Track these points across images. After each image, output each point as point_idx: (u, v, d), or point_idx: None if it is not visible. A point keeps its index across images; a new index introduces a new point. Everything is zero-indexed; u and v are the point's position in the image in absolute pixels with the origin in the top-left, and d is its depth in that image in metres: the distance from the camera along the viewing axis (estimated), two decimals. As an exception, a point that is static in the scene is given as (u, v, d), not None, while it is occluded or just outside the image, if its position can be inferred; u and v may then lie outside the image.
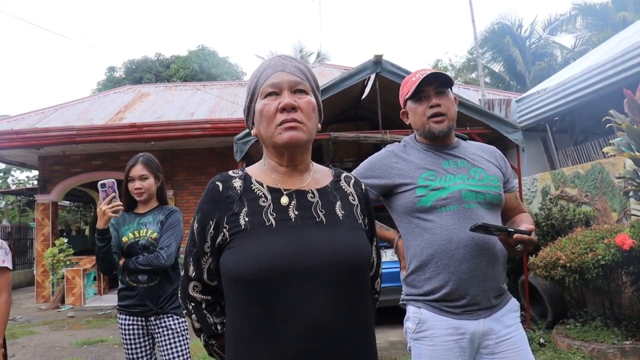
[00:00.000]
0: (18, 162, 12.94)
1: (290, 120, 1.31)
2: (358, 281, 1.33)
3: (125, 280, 3.11)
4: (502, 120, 6.77)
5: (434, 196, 1.97)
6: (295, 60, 1.42)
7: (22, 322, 9.17)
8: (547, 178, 7.60)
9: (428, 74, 2.04)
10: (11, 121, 11.68)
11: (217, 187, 1.39)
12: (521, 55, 20.89)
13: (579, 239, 5.07)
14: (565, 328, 5.65)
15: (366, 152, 10.13)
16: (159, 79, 23.73)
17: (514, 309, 2.03)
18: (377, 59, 6.56)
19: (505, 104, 9.86)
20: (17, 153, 11.44)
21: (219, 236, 1.33)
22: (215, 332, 1.44)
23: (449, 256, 1.92)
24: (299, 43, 30.47)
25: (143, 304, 3.07)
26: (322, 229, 1.32)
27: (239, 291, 1.29)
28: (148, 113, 11.74)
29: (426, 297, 1.98)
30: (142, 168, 3.22)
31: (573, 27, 21.15)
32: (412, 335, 2.00)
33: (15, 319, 9.52)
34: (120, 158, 11.50)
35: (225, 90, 14.19)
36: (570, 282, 4.93)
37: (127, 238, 3.11)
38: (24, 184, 27.14)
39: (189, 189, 11.70)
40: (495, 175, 2.08)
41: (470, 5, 11.93)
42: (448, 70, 28.48)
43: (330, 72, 14.55)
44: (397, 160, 2.11)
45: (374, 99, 7.04)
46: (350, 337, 1.27)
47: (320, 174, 1.47)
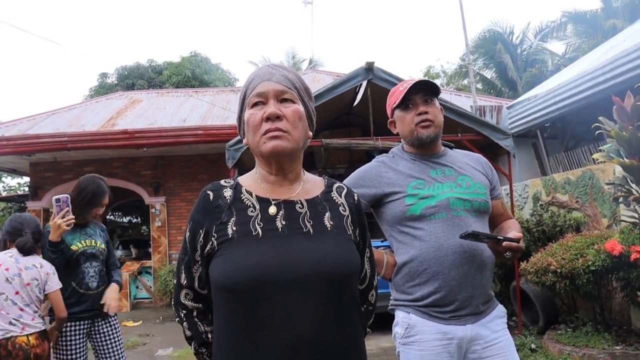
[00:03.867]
0: (9, 169, 12.87)
1: (274, 130, 1.32)
2: (344, 293, 1.32)
3: (74, 288, 3.27)
4: (493, 127, 6.81)
5: (423, 204, 1.98)
6: (284, 69, 1.42)
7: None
8: (538, 184, 7.64)
9: (415, 82, 2.07)
10: (2, 127, 11.62)
11: (208, 196, 1.40)
12: (512, 61, 21.01)
13: (570, 245, 5.11)
14: (557, 334, 5.66)
15: (359, 159, 10.15)
16: (151, 85, 23.65)
17: (500, 315, 2.05)
18: (369, 66, 6.60)
19: (497, 111, 9.92)
20: (8, 159, 11.38)
21: (208, 245, 1.34)
22: (206, 340, 1.44)
23: (439, 263, 1.93)
24: (291, 49, 30.46)
25: (93, 308, 3.32)
26: (309, 239, 1.32)
27: (225, 300, 1.29)
28: (140, 119, 11.72)
29: (416, 302, 1.99)
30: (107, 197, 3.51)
31: (563, 34, 21.33)
32: (400, 340, 2.02)
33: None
34: (112, 164, 11.48)
35: (218, 96, 14.19)
36: (561, 287, 4.96)
37: (76, 247, 3.31)
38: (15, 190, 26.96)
39: (181, 195, 11.68)
40: (482, 182, 2.10)
41: (462, 12, 12.00)
42: (440, 76, 28.60)
43: (322, 78, 14.58)
44: (387, 170, 2.13)
45: (366, 106, 7.06)
46: (334, 350, 1.26)
47: (311, 184, 1.47)
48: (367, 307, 1.58)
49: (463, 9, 11.96)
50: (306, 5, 16.73)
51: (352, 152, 10.09)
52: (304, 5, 21.08)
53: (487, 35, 22.55)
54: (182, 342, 7.24)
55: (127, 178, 11.67)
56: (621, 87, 6.30)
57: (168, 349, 6.98)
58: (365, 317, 1.56)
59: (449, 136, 6.39)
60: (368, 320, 1.60)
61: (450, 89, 21.92)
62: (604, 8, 19.32)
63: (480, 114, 9.29)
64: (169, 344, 7.28)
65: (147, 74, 24.83)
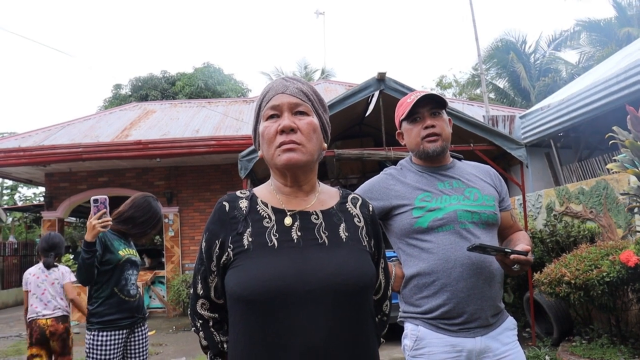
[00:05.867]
0: (25, 179, 13.02)
1: (288, 142, 1.33)
2: (359, 304, 1.32)
3: (116, 293, 3.32)
4: (506, 136, 6.78)
5: (430, 217, 1.98)
6: (298, 82, 1.43)
7: (27, 339, 9.18)
8: (551, 194, 7.60)
9: (422, 95, 2.08)
10: (18, 139, 11.77)
11: (223, 207, 1.41)
12: (525, 71, 20.93)
13: (584, 256, 5.06)
14: (571, 345, 5.60)
15: (371, 169, 10.16)
16: (164, 96, 23.84)
17: (511, 327, 2.04)
18: (381, 77, 6.62)
19: (509, 120, 9.89)
20: (24, 170, 11.52)
21: (224, 255, 1.35)
22: (222, 350, 1.44)
23: (447, 275, 1.93)
24: (303, 60, 30.69)
25: (132, 315, 3.38)
26: (324, 250, 1.32)
27: (240, 310, 1.30)
28: (153, 130, 11.82)
29: (424, 315, 1.98)
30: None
31: (577, 42, 21.21)
32: (409, 353, 2.01)
33: (21, 335, 9.55)
34: (126, 175, 11.57)
35: (230, 107, 14.27)
36: (576, 299, 4.91)
37: (123, 252, 3.38)
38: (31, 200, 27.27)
39: (194, 205, 11.74)
40: (491, 194, 2.10)
41: (474, 22, 12.01)
42: (452, 86, 28.58)
43: (334, 88, 14.63)
44: (395, 183, 2.13)
45: (378, 116, 7.08)
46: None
47: (326, 195, 1.48)
48: (381, 317, 1.58)
49: (475, 19, 11.97)
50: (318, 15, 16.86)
51: (365, 163, 10.11)
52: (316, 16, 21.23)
53: (499, 45, 22.50)
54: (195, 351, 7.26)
55: (140, 188, 11.73)
56: (636, 96, 6.27)
57: (181, 359, 6.99)
58: (379, 327, 1.56)
59: (461, 146, 6.38)
60: (382, 331, 1.60)
61: (463, 99, 21.89)
62: (618, 16, 19.20)
63: (492, 124, 9.27)
64: (181, 354, 7.29)
65: (161, 85, 25.04)
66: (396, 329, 1.92)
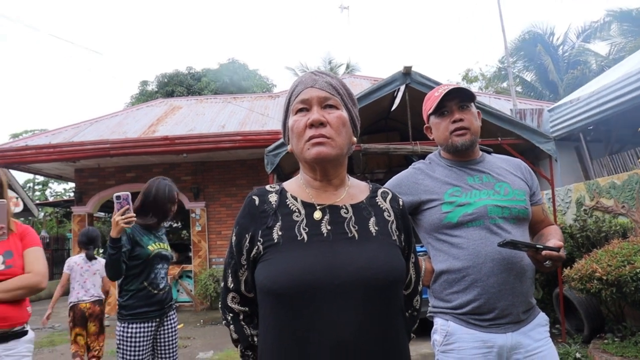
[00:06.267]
0: (55, 175, 13.25)
1: (317, 136, 1.33)
2: (389, 298, 1.31)
3: (146, 287, 3.38)
4: (534, 130, 6.68)
5: (460, 212, 1.97)
6: (327, 76, 1.42)
7: (61, 331, 9.39)
8: (581, 189, 7.46)
9: (450, 89, 2.06)
10: (49, 135, 11.98)
11: (253, 201, 1.42)
12: (553, 63, 20.59)
13: (616, 251, 4.95)
14: (603, 343, 5.50)
15: (397, 164, 10.10)
16: (190, 92, 24.05)
17: (542, 323, 2.01)
18: (407, 71, 6.57)
19: (538, 114, 9.72)
20: (55, 166, 11.73)
21: (254, 249, 1.36)
22: (252, 344, 1.45)
23: (477, 270, 1.91)
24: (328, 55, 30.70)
25: (161, 307, 3.44)
26: (353, 244, 1.31)
27: (270, 304, 1.30)
28: (180, 126, 11.93)
29: (454, 310, 1.97)
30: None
31: (607, 33, 20.72)
32: (439, 348, 2.00)
33: (54, 327, 9.75)
34: (153, 170, 11.69)
35: (256, 102, 14.32)
36: (607, 295, 4.81)
37: (152, 247, 3.42)
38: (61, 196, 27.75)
39: (220, 200, 11.82)
40: (521, 189, 2.07)
41: (500, 15, 11.84)
42: (478, 79, 28.24)
43: (359, 83, 14.58)
44: (424, 177, 2.12)
45: (404, 110, 7.02)
46: (378, 355, 1.25)
47: (356, 189, 1.47)
48: (411, 313, 1.57)
49: (502, 11, 11.79)
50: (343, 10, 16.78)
51: (391, 157, 10.06)
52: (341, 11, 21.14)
53: (526, 37, 22.17)
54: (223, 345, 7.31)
55: (167, 183, 11.85)
56: (669, 88, 6.11)
57: (209, 352, 7.06)
58: (409, 323, 1.55)
59: (488, 140, 6.30)
60: (412, 326, 1.59)
61: (489, 92, 21.62)
62: (651, 6, 18.75)
63: (520, 118, 9.12)
64: (209, 347, 7.36)
65: (186, 81, 25.26)
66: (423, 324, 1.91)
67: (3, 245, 2.55)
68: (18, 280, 2.54)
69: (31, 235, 2.74)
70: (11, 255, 2.57)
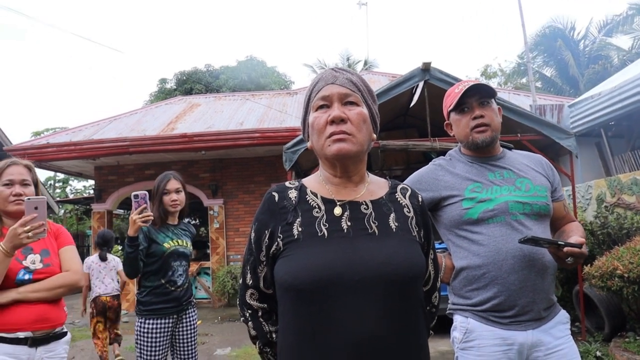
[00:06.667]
0: (75, 172, 13.41)
1: (338, 132, 1.33)
2: (409, 294, 1.31)
3: (164, 285, 3.40)
4: (554, 126, 6.61)
5: (481, 208, 1.96)
6: (348, 72, 1.42)
7: (81, 326, 9.52)
8: (602, 185, 7.36)
9: (470, 85, 2.05)
10: (69, 133, 12.13)
11: (273, 197, 1.42)
12: (574, 58, 20.29)
13: (638, 249, 4.89)
14: (624, 341, 5.43)
15: (415, 160, 10.06)
16: (208, 89, 24.13)
17: (563, 320, 2.00)
18: (426, 67, 6.53)
19: (558, 109, 9.61)
20: (75, 164, 11.86)
21: (274, 245, 1.36)
22: (271, 340, 1.46)
23: (497, 267, 1.90)
24: (346, 51, 30.51)
25: (179, 304, 3.44)
26: (374, 240, 1.32)
27: (290, 300, 1.30)
28: (198, 123, 11.99)
29: (474, 307, 1.96)
30: (177, 182, 3.57)
31: (630, 27, 20.32)
32: (459, 345, 1.99)
33: (74, 322, 9.88)
34: (172, 167, 11.75)
35: (274, 99, 14.34)
36: (629, 293, 4.75)
37: (168, 244, 3.43)
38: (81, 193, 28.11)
39: (239, 197, 11.87)
40: (542, 185, 2.05)
41: (520, 9, 11.72)
42: (497, 75, 27.99)
43: (377, 79, 14.53)
44: (444, 173, 2.11)
45: (423, 107, 7.00)
46: (398, 351, 1.26)
47: (375, 186, 1.47)
48: (430, 309, 1.57)
49: (521, 6, 11.67)
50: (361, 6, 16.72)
51: (409, 154, 10.02)
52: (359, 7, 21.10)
53: (546, 32, 21.87)
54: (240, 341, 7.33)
55: (185, 181, 11.75)
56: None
57: (226, 349, 7.11)
58: (428, 319, 1.55)
59: (508, 136, 6.25)
60: (431, 322, 1.59)
61: (509, 88, 21.42)
62: (675, -2, 18.38)
63: (540, 114, 9.03)
64: (227, 344, 7.41)
65: (205, 79, 25.35)
66: (442, 321, 1.91)
67: (39, 244, 2.49)
68: (58, 278, 2.50)
69: (65, 234, 2.72)
70: (48, 254, 2.53)
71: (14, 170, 2.53)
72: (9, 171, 2.51)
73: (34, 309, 2.38)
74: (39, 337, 2.39)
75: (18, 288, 2.37)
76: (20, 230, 2.21)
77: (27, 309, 2.36)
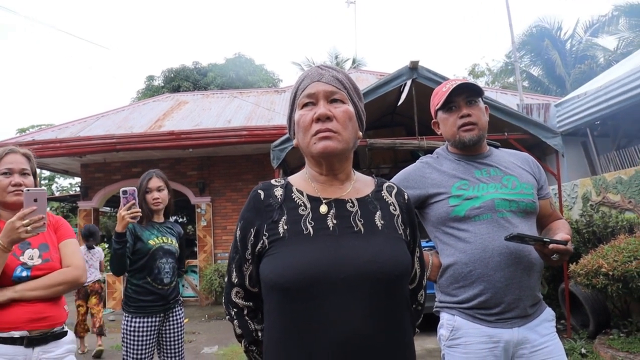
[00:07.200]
0: (62, 170, 13.29)
1: (324, 130, 1.32)
2: (395, 292, 1.31)
3: (149, 282, 3.39)
4: (541, 125, 6.66)
5: (468, 205, 1.96)
6: (334, 70, 1.42)
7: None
8: (588, 184, 7.43)
9: (458, 84, 2.05)
10: (55, 130, 12.02)
11: (258, 195, 1.41)
12: (561, 58, 20.43)
13: (623, 247, 4.94)
14: (609, 338, 5.49)
15: (403, 159, 10.07)
16: (196, 87, 24.02)
17: (549, 318, 2.01)
18: (414, 65, 6.55)
19: (544, 109, 9.68)
20: (61, 161, 11.76)
21: (259, 243, 1.35)
22: (256, 339, 1.45)
23: (484, 265, 1.90)
24: (334, 49, 30.47)
25: (166, 302, 3.43)
26: (359, 238, 1.31)
27: (275, 298, 1.30)
28: (186, 121, 11.93)
29: (460, 304, 1.97)
30: (159, 180, 3.54)
31: (616, 28, 20.50)
32: (445, 343, 2.00)
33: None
34: (159, 165, 11.69)
35: (262, 97, 14.31)
36: (613, 291, 4.80)
37: (154, 242, 3.42)
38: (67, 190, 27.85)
39: (226, 195, 11.82)
40: (529, 182, 2.06)
41: (508, 9, 11.78)
42: (485, 74, 28.12)
43: (366, 78, 14.54)
44: (431, 171, 2.11)
45: (410, 105, 7.01)
46: (384, 349, 1.25)
47: (361, 184, 1.47)
48: (416, 307, 1.57)
49: (509, 5, 11.73)
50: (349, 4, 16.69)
51: (397, 152, 10.02)
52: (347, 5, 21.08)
53: (533, 32, 22.00)
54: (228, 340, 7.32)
55: (173, 178, 11.87)
56: (677, 82, 6.06)
57: (214, 347, 7.09)
58: (414, 317, 1.55)
59: (495, 135, 6.28)
60: (417, 320, 1.59)
61: (496, 87, 21.54)
62: (660, 0, 18.56)
63: (527, 113, 9.09)
64: (214, 342, 7.39)
65: (193, 76, 25.24)
66: (428, 320, 1.91)
67: (38, 237, 2.33)
68: (58, 275, 2.34)
69: (65, 226, 2.57)
70: (47, 248, 2.38)
71: (13, 159, 2.39)
72: (7, 159, 2.37)
73: (31, 307, 2.24)
74: (35, 336, 2.25)
75: (15, 286, 2.22)
76: (18, 224, 2.08)
77: (24, 307, 2.22)
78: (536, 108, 9.68)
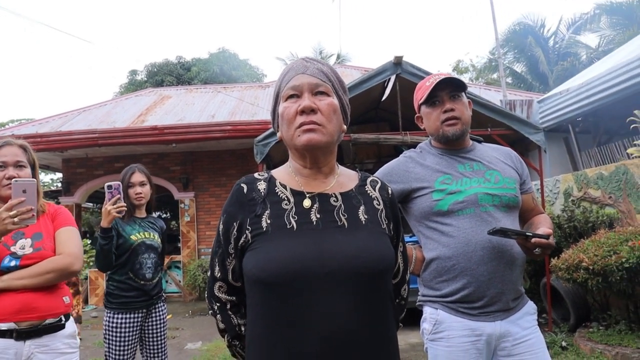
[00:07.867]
0: (42, 165, 13.12)
1: (308, 123, 1.31)
2: (378, 287, 1.31)
3: (131, 277, 3.36)
4: (524, 121, 6.71)
5: (451, 200, 1.97)
6: (318, 62, 1.41)
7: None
8: (569, 179, 7.50)
9: (442, 78, 2.05)
10: (36, 125, 11.87)
11: (241, 189, 1.40)
12: (544, 55, 20.63)
13: (602, 242, 5.00)
14: (588, 331, 5.56)
15: (387, 154, 10.11)
16: (180, 81, 23.88)
17: (531, 311, 2.02)
18: (397, 61, 6.56)
19: (527, 105, 9.76)
20: (42, 156, 11.59)
21: (242, 238, 1.34)
22: (239, 333, 1.44)
23: (467, 259, 1.91)
24: (319, 45, 30.59)
25: (149, 298, 3.41)
26: (343, 233, 1.31)
27: (258, 293, 1.29)
28: (169, 115, 11.85)
29: (444, 298, 1.97)
30: (142, 175, 3.52)
31: (597, 26, 20.77)
32: (428, 336, 2.00)
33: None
34: (142, 160, 11.60)
35: (246, 92, 14.25)
36: (593, 285, 4.86)
37: (135, 237, 3.39)
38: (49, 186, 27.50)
39: (210, 190, 11.77)
40: (512, 177, 2.07)
41: (492, 6, 11.84)
42: (469, 70, 28.27)
43: (350, 73, 14.54)
44: (414, 165, 2.11)
45: (394, 101, 7.02)
46: (368, 343, 1.25)
47: (345, 178, 1.46)
48: (399, 301, 1.57)
49: (493, 2, 11.79)
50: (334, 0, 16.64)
51: (381, 147, 10.07)
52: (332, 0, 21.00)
53: (517, 29, 22.19)
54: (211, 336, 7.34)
55: (156, 173, 11.78)
56: (657, 79, 6.14)
57: (197, 343, 7.06)
58: (397, 311, 1.55)
59: (478, 131, 6.32)
60: (400, 314, 1.59)
61: (480, 83, 21.67)
62: (640, -1, 18.81)
63: (510, 109, 9.16)
64: (198, 338, 7.36)
65: (176, 71, 25.07)
66: (412, 314, 1.92)
67: (32, 227, 2.26)
68: (47, 263, 2.24)
69: (64, 214, 2.50)
70: (40, 237, 2.32)
71: (7, 152, 2.35)
72: (1, 152, 2.34)
73: (18, 298, 2.14)
74: (25, 329, 2.16)
75: (2, 276, 2.15)
76: (4, 214, 2.01)
77: (11, 297, 2.13)
78: (519, 104, 9.76)
